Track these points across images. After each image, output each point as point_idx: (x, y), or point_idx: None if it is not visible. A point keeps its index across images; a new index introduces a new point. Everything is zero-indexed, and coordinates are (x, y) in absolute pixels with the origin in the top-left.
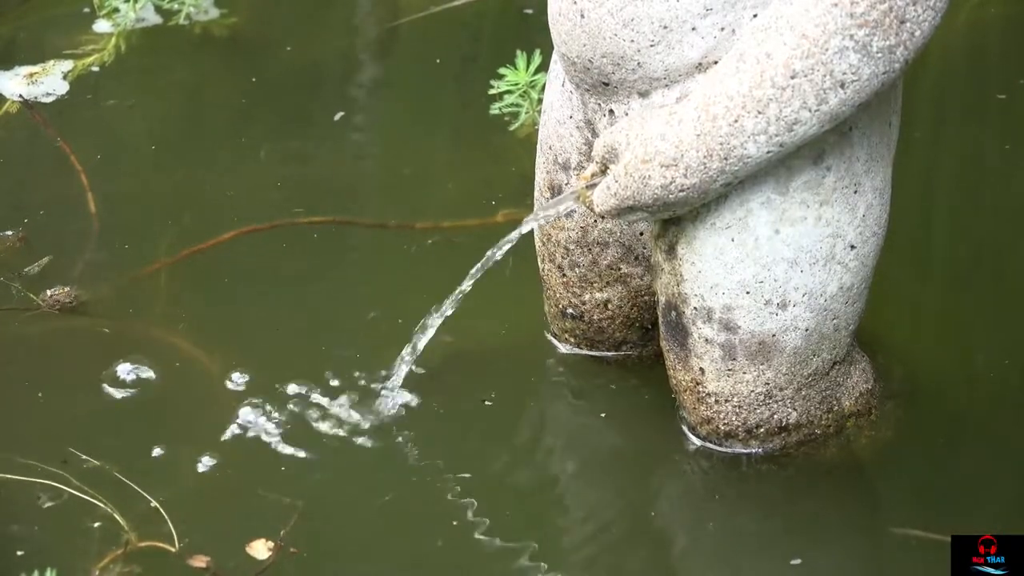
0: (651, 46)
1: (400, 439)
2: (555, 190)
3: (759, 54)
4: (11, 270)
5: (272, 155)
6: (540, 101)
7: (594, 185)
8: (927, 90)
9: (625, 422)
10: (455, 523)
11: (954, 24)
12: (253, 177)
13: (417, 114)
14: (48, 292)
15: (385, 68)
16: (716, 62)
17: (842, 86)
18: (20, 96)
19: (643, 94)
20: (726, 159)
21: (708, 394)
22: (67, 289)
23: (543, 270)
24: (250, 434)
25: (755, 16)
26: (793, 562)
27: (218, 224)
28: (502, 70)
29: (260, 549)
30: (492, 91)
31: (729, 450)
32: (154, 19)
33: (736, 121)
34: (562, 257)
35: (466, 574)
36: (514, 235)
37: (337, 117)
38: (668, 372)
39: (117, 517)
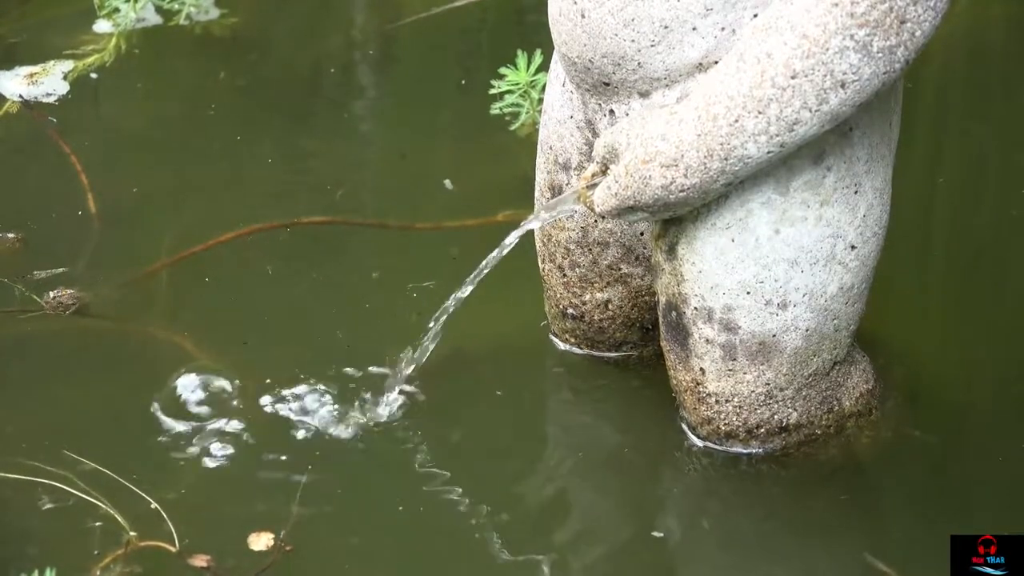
0: (652, 46)
1: (400, 439)
2: (556, 190)
3: (760, 54)
4: (12, 271)
5: (272, 155)
6: (540, 101)
7: (595, 185)
8: (927, 90)
9: (625, 422)
10: (454, 523)
11: (954, 24)
12: (253, 177)
13: (417, 114)
14: (51, 294)
15: (385, 68)
16: (717, 62)
17: (843, 86)
18: (20, 96)
19: (644, 94)
20: (726, 159)
21: (708, 394)
22: (69, 291)
23: (543, 270)
24: (251, 434)
25: (755, 16)
26: (655, 534)
27: (219, 224)
28: (503, 70)
29: (260, 542)
30: (493, 91)
31: (730, 450)
32: (154, 19)
33: (736, 121)
34: (562, 257)
35: (465, 574)
36: (514, 236)
37: (448, 185)
38: (668, 372)
39: (118, 517)
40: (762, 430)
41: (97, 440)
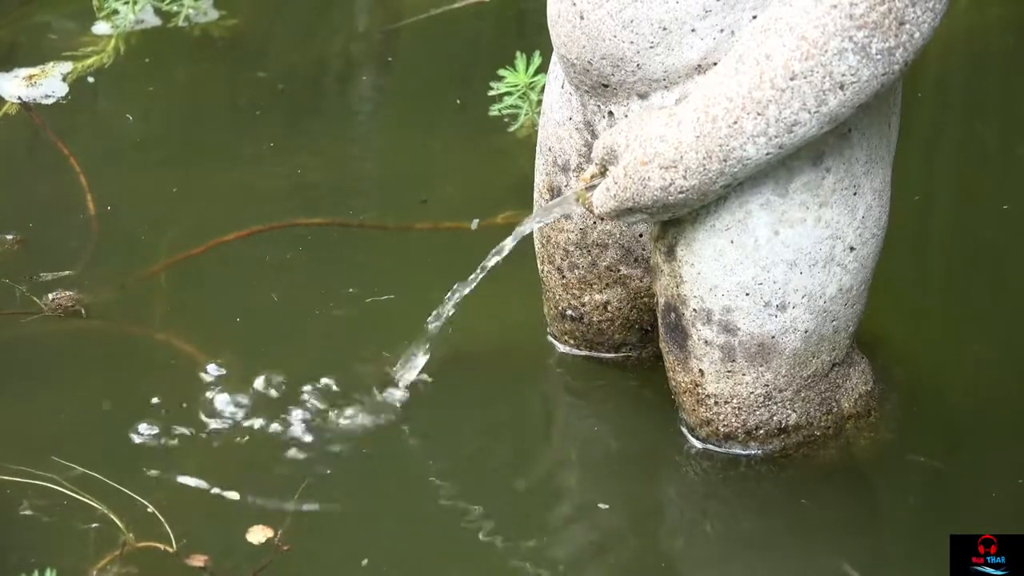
0: (650, 48)
1: (400, 440)
2: (555, 192)
3: (758, 55)
4: (11, 273)
5: (272, 157)
6: (539, 102)
7: (593, 187)
8: (927, 91)
9: (624, 424)
10: (454, 523)
11: (954, 25)
12: (253, 179)
13: (417, 115)
14: (51, 296)
15: (385, 70)
16: (716, 63)
17: (841, 87)
18: (19, 98)
19: (642, 96)
20: (725, 160)
21: (707, 396)
22: (69, 293)
23: (542, 272)
24: (249, 434)
25: (754, 17)
26: (600, 506)
27: (218, 226)
28: (502, 71)
29: (257, 535)
30: (492, 92)
31: (728, 451)
32: (153, 21)
33: (735, 123)
34: (561, 259)
35: (463, 574)
36: (513, 237)
37: (474, 225)
38: (667, 374)
39: (114, 518)
40: (761, 431)
41: (95, 441)
